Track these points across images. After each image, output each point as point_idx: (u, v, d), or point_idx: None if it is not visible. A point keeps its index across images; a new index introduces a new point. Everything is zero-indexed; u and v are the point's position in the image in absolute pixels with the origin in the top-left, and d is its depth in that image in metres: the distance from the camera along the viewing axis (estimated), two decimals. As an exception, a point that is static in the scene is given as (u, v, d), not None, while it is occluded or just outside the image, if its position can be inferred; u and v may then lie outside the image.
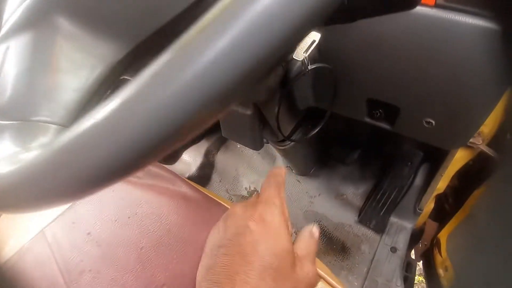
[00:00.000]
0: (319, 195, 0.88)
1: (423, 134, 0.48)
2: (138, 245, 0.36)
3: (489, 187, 0.61)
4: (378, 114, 0.49)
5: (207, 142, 1.03)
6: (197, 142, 1.08)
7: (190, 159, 1.01)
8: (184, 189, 0.43)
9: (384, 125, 0.50)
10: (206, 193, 0.42)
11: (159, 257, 0.35)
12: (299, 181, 0.91)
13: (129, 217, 0.39)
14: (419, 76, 0.41)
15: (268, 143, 0.80)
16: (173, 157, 1.00)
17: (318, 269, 0.34)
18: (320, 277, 0.35)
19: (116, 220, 0.39)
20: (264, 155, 0.97)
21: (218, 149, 1.03)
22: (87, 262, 0.36)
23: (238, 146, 1.07)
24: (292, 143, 0.68)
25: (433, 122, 0.44)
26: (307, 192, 0.89)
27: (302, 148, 0.76)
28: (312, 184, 0.90)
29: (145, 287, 0.26)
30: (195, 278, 0.32)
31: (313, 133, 0.53)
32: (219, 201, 0.41)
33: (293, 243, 0.34)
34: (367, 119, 0.51)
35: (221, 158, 1.01)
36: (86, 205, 0.41)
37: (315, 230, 0.36)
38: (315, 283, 0.32)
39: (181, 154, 1.04)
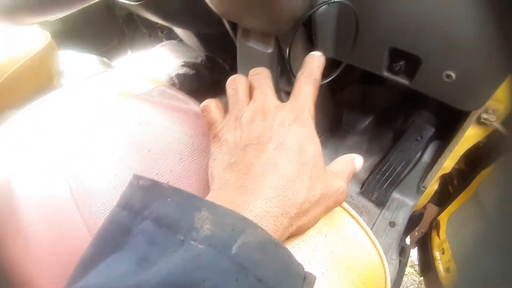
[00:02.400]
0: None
1: (441, 90, 0.47)
2: (145, 148, 0.36)
3: (498, 166, 0.61)
4: (398, 66, 0.48)
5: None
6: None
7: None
8: (196, 109, 0.43)
9: (402, 80, 0.50)
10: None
11: (166, 160, 0.35)
12: (306, 148, 0.91)
13: (139, 124, 0.39)
14: (445, 22, 0.41)
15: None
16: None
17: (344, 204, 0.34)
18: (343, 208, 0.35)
19: (124, 128, 0.39)
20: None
21: (229, 110, 1.03)
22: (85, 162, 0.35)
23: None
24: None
25: (453, 76, 0.44)
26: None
27: (315, 110, 0.76)
28: (318, 153, 0.90)
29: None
30: (201, 179, 0.32)
31: (326, 80, 0.53)
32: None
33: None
34: (386, 73, 0.51)
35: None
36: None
37: (358, 159, 0.35)
38: (343, 200, 0.31)
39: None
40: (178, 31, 0.93)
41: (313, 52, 0.35)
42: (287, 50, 0.45)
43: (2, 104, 0.63)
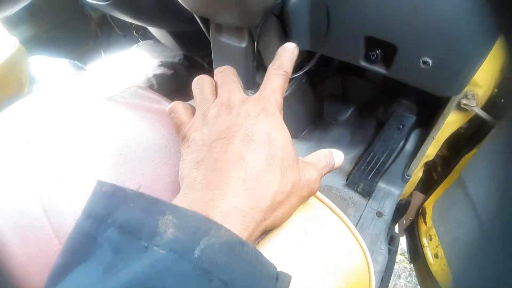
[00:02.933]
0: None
1: (419, 77, 0.46)
2: (117, 151, 0.35)
3: (481, 149, 0.61)
4: (375, 55, 0.48)
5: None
6: (188, 100, 1.06)
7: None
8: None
9: (379, 69, 0.49)
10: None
11: (138, 163, 0.33)
12: (289, 142, 0.90)
13: (111, 127, 0.37)
14: (417, 9, 0.40)
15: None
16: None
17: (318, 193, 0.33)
18: (316, 197, 0.33)
19: (95, 132, 0.37)
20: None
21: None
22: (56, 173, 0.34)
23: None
24: (286, 93, 0.67)
25: (430, 62, 0.43)
26: (296, 154, 0.88)
27: (296, 104, 0.75)
28: (301, 147, 0.89)
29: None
30: (175, 181, 0.31)
31: (300, 72, 0.52)
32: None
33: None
34: (363, 63, 0.50)
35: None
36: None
37: (337, 154, 0.34)
38: (316, 190, 0.30)
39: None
40: (153, 30, 0.91)
41: (286, 44, 0.34)
42: (255, 42, 0.44)
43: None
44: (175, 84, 1.07)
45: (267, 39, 0.48)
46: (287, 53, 0.34)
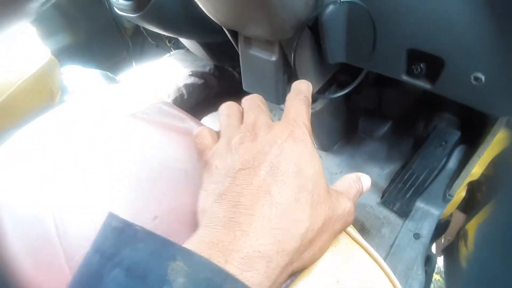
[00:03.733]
0: (340, 172, 0.83)
1: (468, 94, 0.42)
2: (135, 176, 0.33)
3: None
4: (419, 69, 0.43)
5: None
6: (217, 110, 1.05)
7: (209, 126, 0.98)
8: (193, 127, 0.39)
9: (423, 84, 0.45)
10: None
11: (156, 189, 0.31)
12: (320, 156, 0.86)
13: (131, 149, 0.36)
14: (470, 19, 0.36)
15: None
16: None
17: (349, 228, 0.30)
18: (351, 237, 0.30)
19: (116, 153, 0.36)
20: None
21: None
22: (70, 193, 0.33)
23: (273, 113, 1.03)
24: (318, 107, 0.64)
25: (483, 78, 0.38)
26: (327, 169, 0.84)
27: (328, 117, 0.71)
28: (334, 161, 0.85)
29: (132, 219, 0.22)
30: (194, 212, 0.28)
31: (344, 92, 0.48)
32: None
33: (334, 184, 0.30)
34: (405, 77, 0.46)
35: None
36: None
37: (365, 179, 0.31)
38: (350, 222, 0.28)
39: (200, 120, 1.01)
40: (184, 41, 0.91)
41: (298, 81, 0.33)
42: (292, 57, 0.41)
43: (2, 124, 0.61)
44: (205, 94, 1.06)
45: (299, 51, 0.45)
46: (303, 83, 0.33)
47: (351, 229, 0.28)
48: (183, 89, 1.03)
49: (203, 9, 0.40)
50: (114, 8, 0.66)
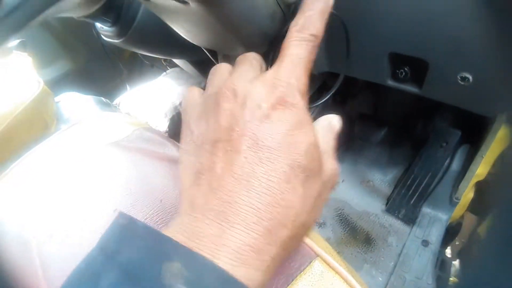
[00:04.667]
0: (342, 181, 0.81)
1: (457, 95, 0.40)
2: (112, 206, 0.32)
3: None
4: (403, 73, 0.42)
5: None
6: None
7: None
8: (173, 152, 0.39)
9: (410, 88, 0.43)
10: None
11: (136, 215, 0.31)
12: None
13: (111, 178, 0.35)
14: (452, 19, 0.34)
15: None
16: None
17: (319, 250, 0.28)
18: (318, 255, 0.28)
19: (96, 183, 0.36)
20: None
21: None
22: (56, 225, 0.33)
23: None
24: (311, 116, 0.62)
25: (470, 78, 0.37)
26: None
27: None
28: (335, 169, 0.83)
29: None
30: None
31: (323, 100, 0.47)
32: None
33: None
34: (390, 82, 0.44)
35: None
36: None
37: (335, 120, 0.25)
38: (336, 182, 0.24)
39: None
40: (175, 59, 0.91)
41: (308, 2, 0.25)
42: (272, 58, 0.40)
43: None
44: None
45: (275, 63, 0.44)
46: (318, 4, 0.24)
47: (327, 255, 0.27)
48: (179, 107, 1.03)
49: (179, 32, 0.40)
50: (101, 35, 0.66)
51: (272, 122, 0.20)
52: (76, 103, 0.84)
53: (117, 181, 0.35)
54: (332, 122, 0.25)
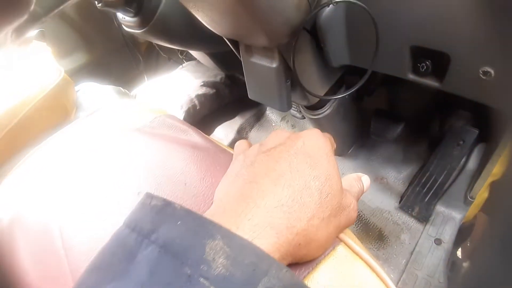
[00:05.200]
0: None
1: (478, 89, 0.40)
2: (136, 190, 0.33)
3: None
4: (424, 67, 0.42)
5: (241, 119, 1.00)
6: (230, 119, 1.05)
7: (223, 135, 0.98)
8: (195, 138, 0.39)
9: (431, 82, 0.43)
10: (216, 143, 0.39)
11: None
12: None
13: (135, 163, 0.36)
14: (475, 10, 0.34)
15: (301, 114, 0.75)
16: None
17: (343, 236, 0.29)
18: (342, 240, 0.29)
19: (119, 167, 0.37)
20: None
21: (252, 127, 0.99)
22: (79, 208, 0.34)
23: (273, 124, 1.03)
24: (327, 111, 0.62)
25: (492, 72, 0.36)
26: (343, 174, 0.82)
27: (339, 121, 0.69)
28: (349, 165, 0.83)
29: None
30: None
31: (347, 93, 0.47)
32: (229, 150, 0.37)
33: None
34: (411, 76, 0.44)
35: (254, 136, 0.97)
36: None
37: (365, 179, 0.33)
38: (354, 219, 0.28)
39: (214, 130, 1.01)
40: (192, 52, 0.92)
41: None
42: (292, 61, 0.40)
43: (19, 143, 0.63)
44: (217, 103, 1.07)
45: (300, 56, 0.45)
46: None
47: (351, 241, 0.27)
48: (195, 99, 1.04)
49: (202, 21, 0.41)
50: (122, 25, 0.67)
51: (306, 146, 0.27)
52: (95, 92, 0.86)
53: (140, 165, 0.36)
54: (363, 178, 0.33)
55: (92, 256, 0.21)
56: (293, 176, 0.25)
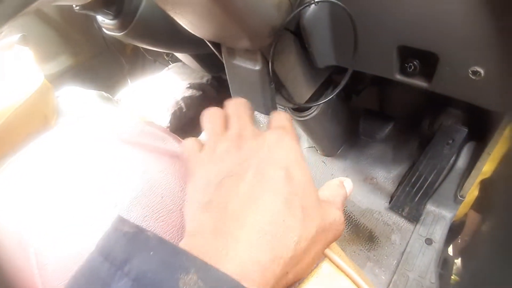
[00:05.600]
0: (345, 177, 0.80)
1: (468, 90, 0.39)
2: (113, 202, 0.31)
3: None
4: (412, 67, 0.41)
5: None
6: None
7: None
8: (174, 147, 0.38)
9: (419, 82, 0.42)
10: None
11: (131, 217, 0.30)
12: (324, 162, 0.83)
13: (112, 174, 0.34)
14: (464, 10, 0.33)
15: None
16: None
17: (327, 250, 0.28)
18: (326, 256, 0.28)
19: (95, 179, 0.35)
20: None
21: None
22: (53, 221, 0.32)
23: (261, 125, 1.01)
24: (314, 113, 0.61)
25: (482, 72, 0.36)
26: (332, 174, 0.81)
27: (327, 122, 0.68)
28: (338, 166, 0.82)
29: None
30: (172, 239, 0.27)
31: (330, 97, 0.46)
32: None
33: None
34: (398, 76, 0.43)
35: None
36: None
37: (348, 183, 0.30)
38: (341, 232, 0.26)
39: (201, 132, 0.99)
40: (177, 54, 0.90)
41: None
42: (270, 63, 0.39)
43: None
44: (204, 105, 1.04)
45: (283, 57, 0.43)
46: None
47: (335, 256, 0.26)
48: (182, 102, 1.02)
49: (182, 24, 0.39)
50: (103, 28, 0.65)
51: (273, 156, 0.24)
52: (77, 98, 0.83)
53: (117, 176, 0.35)
54: (342, 181, 0.30)
55: (65, 277, 0.19)
56: (269, 197, 0.22)
